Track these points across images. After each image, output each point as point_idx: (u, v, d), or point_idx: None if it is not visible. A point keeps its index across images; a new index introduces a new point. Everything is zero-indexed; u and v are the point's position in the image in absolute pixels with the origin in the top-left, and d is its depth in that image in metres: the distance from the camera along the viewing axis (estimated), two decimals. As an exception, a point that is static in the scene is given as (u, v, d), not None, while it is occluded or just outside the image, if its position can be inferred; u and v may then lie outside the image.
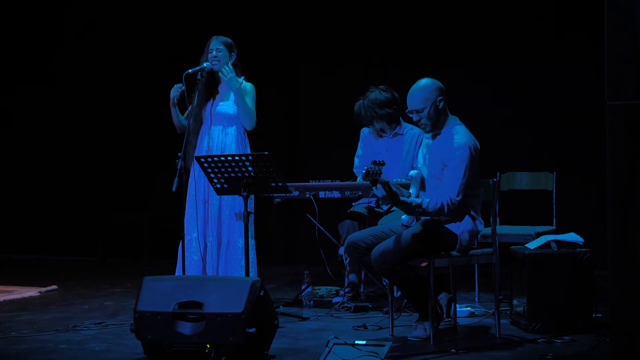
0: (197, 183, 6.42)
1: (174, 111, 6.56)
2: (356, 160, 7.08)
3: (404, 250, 5.25)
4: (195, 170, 6.33)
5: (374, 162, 5.10)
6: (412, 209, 5.29)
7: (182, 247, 6.28)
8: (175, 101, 6.52)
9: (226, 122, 6.51)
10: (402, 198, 5.24)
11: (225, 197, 6.33)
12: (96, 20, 9.82)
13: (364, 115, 6.87)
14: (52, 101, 9.97)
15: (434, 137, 5.51)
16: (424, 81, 5.49)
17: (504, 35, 8.42)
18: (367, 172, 5.10)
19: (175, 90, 6.48)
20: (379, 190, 5.17)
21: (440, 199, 5.27)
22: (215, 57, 6.48)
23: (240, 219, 6.37)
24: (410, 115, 5.51)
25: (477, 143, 5.42)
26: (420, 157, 5.63)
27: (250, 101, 6.49)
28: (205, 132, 6.52)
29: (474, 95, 8.39)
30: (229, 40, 6.57)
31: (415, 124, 5.56)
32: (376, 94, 6.84)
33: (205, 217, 6.45)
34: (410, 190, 5.47)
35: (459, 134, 5.39)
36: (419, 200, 5.28)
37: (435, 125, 5.45)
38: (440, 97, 5.42)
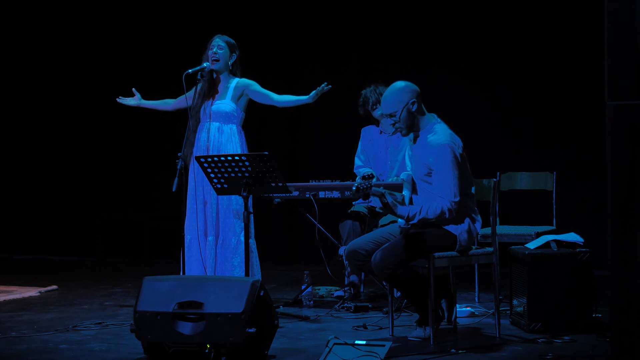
0: (197, 182, 6.42)
1: (148, 105, 6.86)
2: (357, 160, 7.06)
3: (403, 253, 5.25)
4: (195, 169, 6.32)
5: (363, 177, 5.11)
6: (410, 219, 5.29)
7: (182, 247, 6.28)
8: (132, 102, 6.85)
9: (223, 120, 6.51)
10: (399, 208, 5.24)
11: (222, 196, 6.33)
12: (96, 20, 9.82)
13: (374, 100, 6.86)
14: (52, 101, 9.96)
15: (414, 139, 5.48)
16: (397, 84, 5.44)
17: (504, 36, 8.41)
18: (357, 188, 5.10)
19: (127, 101, 6.87)
20: (377, 202, 5.19)
21: (440, 205, 5.25)
22: (215, 53, 6.47)
23: (236, 216, 6.38)
24: (387, 120, 5.48)
25: (458, 139, 5.37)
26: (407, 161, 5.61)
27: (261, 89, 6.58)
28: (202, 130, 6.52)
29: (475, 96, 8.39)
30: (231, 40, 6.56)
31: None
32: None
33: (205, 216, 6.45)
34: (404, 193, 5.47)
35: (436, 134, 5.34)
36: (416, 210, 5.27)
37: (410, 128, 5.41)
38: (413, 100, 5.36)
